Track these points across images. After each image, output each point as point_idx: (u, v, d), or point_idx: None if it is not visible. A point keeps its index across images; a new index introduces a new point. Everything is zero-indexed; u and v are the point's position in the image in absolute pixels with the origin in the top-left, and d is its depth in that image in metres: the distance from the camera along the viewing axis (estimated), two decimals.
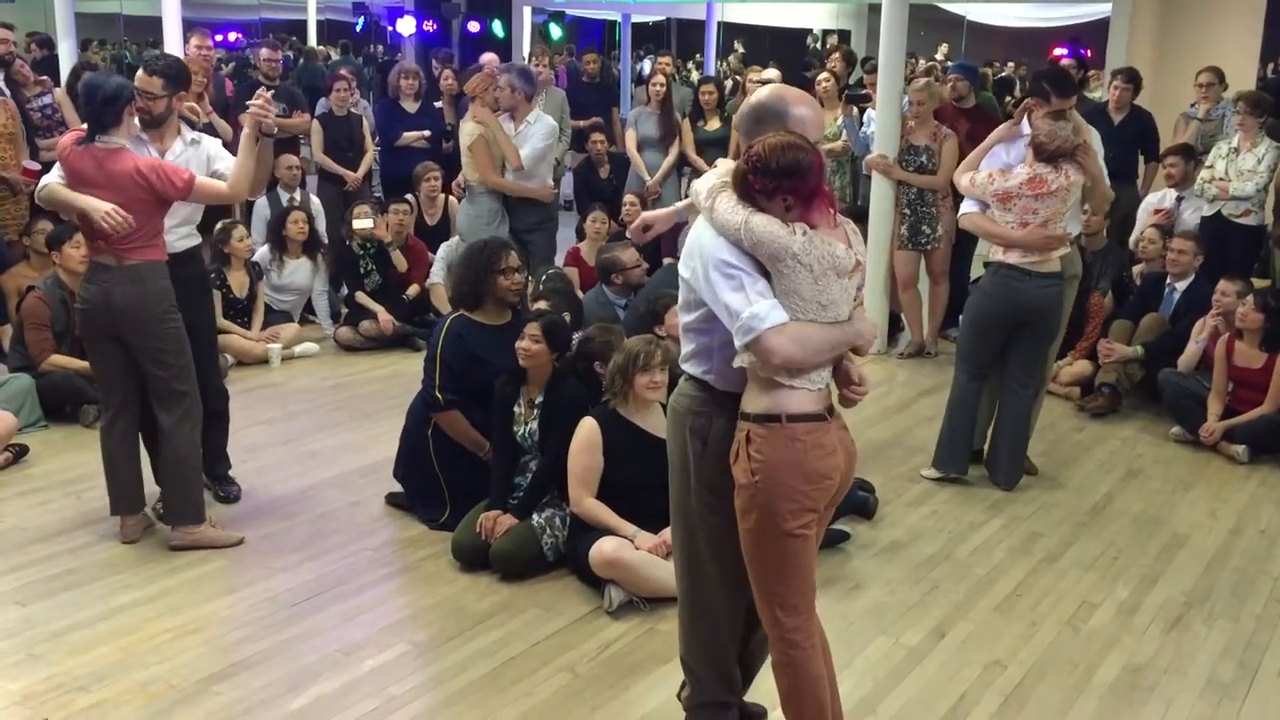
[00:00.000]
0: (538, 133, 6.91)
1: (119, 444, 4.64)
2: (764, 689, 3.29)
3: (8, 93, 7.68)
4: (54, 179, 4.50)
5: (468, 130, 6.90)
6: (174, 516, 4.64)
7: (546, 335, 4.55)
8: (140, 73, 4.67)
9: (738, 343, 2.79)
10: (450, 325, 4.86)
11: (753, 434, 2.84)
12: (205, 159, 4.74)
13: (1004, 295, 5.23)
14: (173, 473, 4.63)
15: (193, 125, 5.09)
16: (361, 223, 7.61)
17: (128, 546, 4.60)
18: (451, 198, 8.58)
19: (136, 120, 4.59)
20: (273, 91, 8.38)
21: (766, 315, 2.75)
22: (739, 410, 2.90)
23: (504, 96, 6.88)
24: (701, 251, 2.86)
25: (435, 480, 4.87)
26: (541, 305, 5.72)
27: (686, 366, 3.07)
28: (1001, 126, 5.45)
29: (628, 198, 8.23)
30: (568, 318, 5.36)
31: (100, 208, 4.31)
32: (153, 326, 4.49)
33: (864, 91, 8.22)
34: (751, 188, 2.80)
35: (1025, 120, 5.32)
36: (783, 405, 2.83)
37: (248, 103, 4.54)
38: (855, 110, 8.01)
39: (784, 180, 2.77)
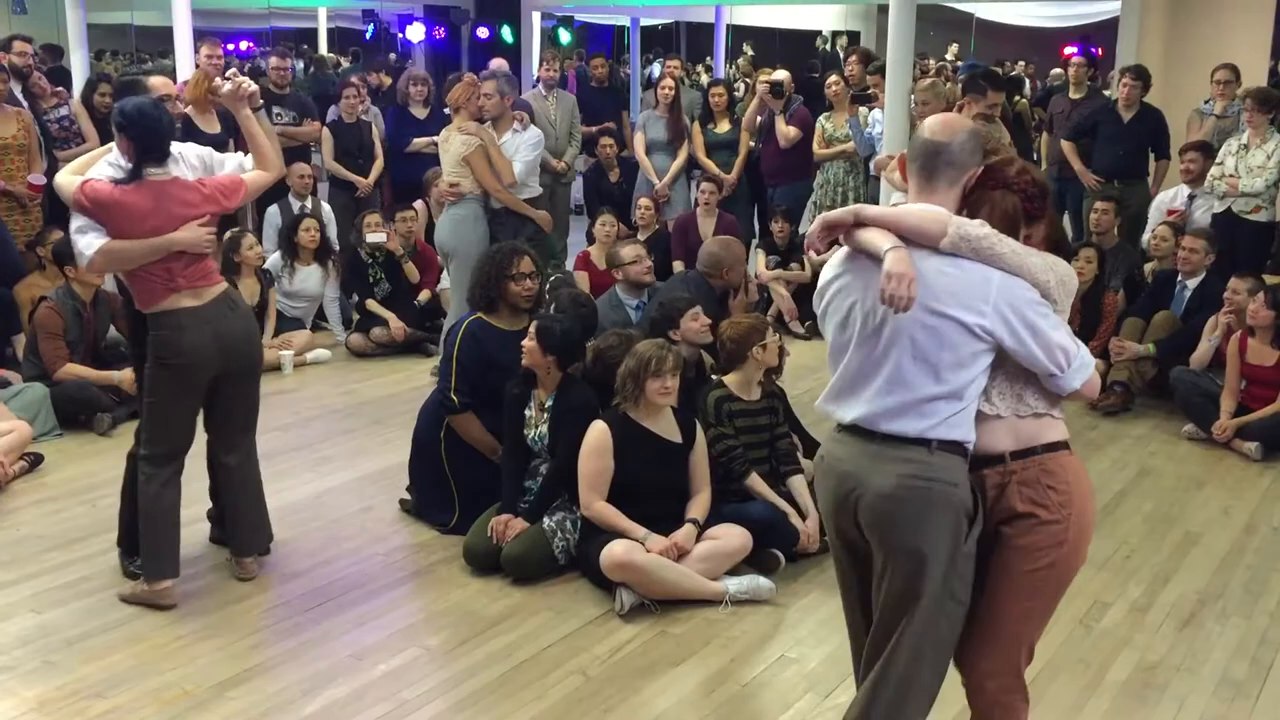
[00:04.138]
0: (527, 143, 6.80)
1: (173, 502, 4.18)
2: None
3: (25, 104, 7.72)
4: (99, 239, 3.89)
5: (462, 142, 6.68)
6: (252, 545, 4.43)
7: (538, 335, 4.55)
8: (157, 78, 4.31)
9: (1074, 382, 2.67)
10: (467, 328, 4.87)
11: (1049, 465, 2.71)
12: (200, 165, 4.18)
13: None
14: (255, 503, 4.41)
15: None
16: (374, 236, 7.62)
17: None
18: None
19: None
20: (283, 99, 8.48)
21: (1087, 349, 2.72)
22: (1000, 451, 2.72)
23: (491, 104, 6.67)
24: (1006, 297, 2.59)
25: (445, 482, 4.88)
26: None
27: (935, 434, 2.64)
28: None
29: (642, 201, 8.24)
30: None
31: (200, 236, 3.97)
32: (258, 352, 4.25)
33: (869, 91, 8.21)
34: (1020, 216, 2.69)
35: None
36: (1063, 431, 2.78)
37: (225, 90, 4.16)
38: (861, 110, 8.00)
39: (1045, 203, 2.74)
